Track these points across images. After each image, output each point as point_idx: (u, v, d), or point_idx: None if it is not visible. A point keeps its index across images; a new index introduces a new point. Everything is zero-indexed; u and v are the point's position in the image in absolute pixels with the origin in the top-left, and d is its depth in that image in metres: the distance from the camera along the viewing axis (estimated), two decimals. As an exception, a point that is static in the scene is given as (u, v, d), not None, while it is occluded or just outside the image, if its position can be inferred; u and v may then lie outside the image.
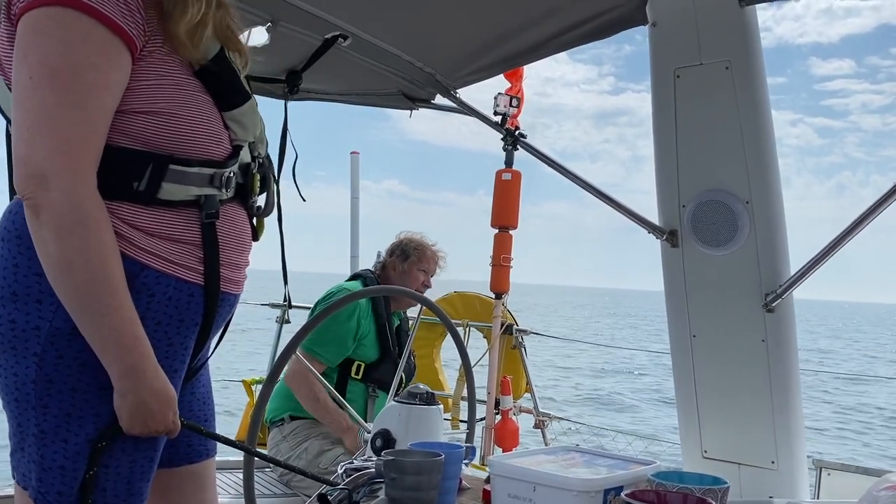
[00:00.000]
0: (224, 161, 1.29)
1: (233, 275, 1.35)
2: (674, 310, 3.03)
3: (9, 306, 1.20)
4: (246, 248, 1.39)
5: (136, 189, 1.21)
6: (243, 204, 1.36)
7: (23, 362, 1.19)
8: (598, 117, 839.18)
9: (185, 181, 1.24)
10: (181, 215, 1.26)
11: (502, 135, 3.52)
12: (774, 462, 2.89)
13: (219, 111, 1.29)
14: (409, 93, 3.08)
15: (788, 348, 2.86)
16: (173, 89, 1.23)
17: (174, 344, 1.28)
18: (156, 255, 1.24)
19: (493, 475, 1.28)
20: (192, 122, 1.24)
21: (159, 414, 1.22)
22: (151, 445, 1.29)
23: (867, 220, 2.56)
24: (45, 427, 1.20)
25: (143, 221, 1.23)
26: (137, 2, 1.20)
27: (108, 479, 1.24)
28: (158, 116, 1.22)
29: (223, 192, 1.29)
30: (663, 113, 2.86)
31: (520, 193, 4.12)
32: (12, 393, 1.22)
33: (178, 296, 1.27)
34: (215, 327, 1.37)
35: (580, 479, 1.21)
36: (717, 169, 2.82)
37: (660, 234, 2.97)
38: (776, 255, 2.81)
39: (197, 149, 1.25)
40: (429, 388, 2.08)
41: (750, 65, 2.67)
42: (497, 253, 4.14)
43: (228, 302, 1.36)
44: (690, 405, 3.04)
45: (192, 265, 1.28)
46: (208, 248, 1.28)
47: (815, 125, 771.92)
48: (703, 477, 1.26)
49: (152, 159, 1.21)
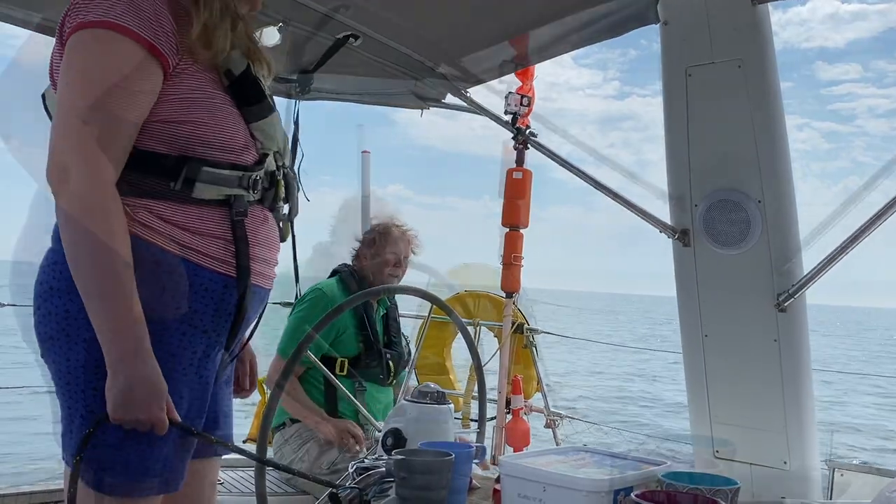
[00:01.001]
0: (251, 166, 1.41)
1: (262, 269, 1.46)
2: (686, 309, 3.01)
3: (64, 297, 1.31)
4: (274, 247, 1.49)
5: (172, 188, 1.34)
6: (270, 208, 1.48)
7: (74, 348, 1.30)
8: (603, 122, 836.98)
9: (217, 182, 1.36)
10: (213, 213, 1.37)
11: (513, 134, 3.52)
12: (787, 462, 2.87)
13: (245, 122, 1.41)
14: (420, 92, 3.09)
15: (801, 348, 2.85)
16: (205, 102, 1.36)
17: (209, 331, 1.38)
18: (192, 249, 1.35)
19: (504, 475, 1.28)
20: (222, 131, 1.37)
21: (144, 403, 1.26)
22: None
23: (881, 219, 2.54)
24: (94, 407, 1.29)
25: (179, 217, 1.35)
26: (171, 24, 1.33)
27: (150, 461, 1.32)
28: (192, 125, 1.35)
29: (250, 193, 1.41)
30: (675, 112, 2.85)
31: (530, 192, 4.11)
32: (64, 377, 1.32)
33: (214, 287, 1.37)
34: (247, 319, 1.46)
35: (590, 480, 1.21)
36: (729, 168, 2.80)
37: (671, 234, 2.96)
38: (789, 255, 2.79)
39: (227, 154, 1.38)
40: (439, 387, 2.08)
41: (762, 63, 2.66)
42: (508, 252, 4.13)
43: (259, 295, 1.47)
44: (702, 405, 3.03)
45: (225, 258, 1.39)
46: (239, 243, 1.39)
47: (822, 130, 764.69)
48: (715, 478, 1.26)
49: (186, 163, 1.34)
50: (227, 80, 1.39)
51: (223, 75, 1.39)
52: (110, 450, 1.30)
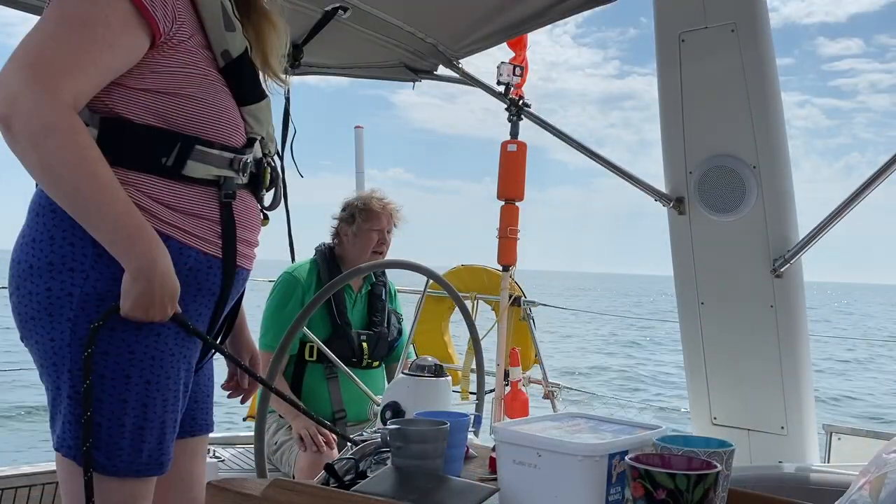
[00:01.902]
0: (241, 148, 1.40)
1: (246, 251, 1.44)
2: (682, 277, 3.01)
3: (45, 276, 1.28)
4: (256, 229, 1.48)
5: (163, 164, 1.31)
6: (254, 194, 1.46)
7: (58, 327, 1.27)
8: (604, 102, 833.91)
9: (208, 161, 1.34)
10: (202, 193, 1.35)
11: (506, 104, 3.49)
12: (784, 427, 2.89)
13: (237, 105, 1.40)
14: (411, 64, 3.05)
15: (797, 313, 2.85)
16: (198, 77, 1.34)
17: (190, 311, 1.36)
18: (178, 228, 1.32)
19: (498, 442, 1.27)
20: (215, 109, 1.35)
21: (161, 304, 1.27)
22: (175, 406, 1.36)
23: (875, 183, 2.53)
24: (80, 388, 1.26)
25: (167, 196, 1.32)
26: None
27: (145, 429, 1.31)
28: (184, 100, 1.32)
29: (240, 176, 1.39)
30: (669, 79, 2.83)
31: (525, 165, 4.09)
32: (50, 358, 1.29)
33: (199, 266, 1.36)
34: (229, 299, 1.45)
35: (585, 444, 1.20)
36: (723, 134, 2.79)
37: (667, 202, 2.95)
38: (784, 221, 2.78)
39: (218, 133, 1.36)
40: (437, 361, 2.08)
41: (756, 27, 2.63)
42: (504, 225, 4.12)
43: (241, 276, 1.45)
44: (699, 372, 3.04)
45: (211, 239, 1.37)
46: (226, 225, 1.38)
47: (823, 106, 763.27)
48: (709, 440, 1.26)
49: (180, 138, 1.31)
50: (224, 60, 1.37)
51: (220, 56, 1.37)
52: (103, 430, 1.29)
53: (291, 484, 1.30)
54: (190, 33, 1.34)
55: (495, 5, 2.65)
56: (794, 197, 2.80)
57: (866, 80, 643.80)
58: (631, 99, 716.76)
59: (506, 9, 2.67)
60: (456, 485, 1.30)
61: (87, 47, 1.23)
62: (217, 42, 1.37)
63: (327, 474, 1.42)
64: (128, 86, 1.30)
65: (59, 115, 1.19)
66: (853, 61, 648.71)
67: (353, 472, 1.42)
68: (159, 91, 1.31)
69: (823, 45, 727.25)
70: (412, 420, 1.46)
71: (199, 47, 1.35)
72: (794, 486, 2.46)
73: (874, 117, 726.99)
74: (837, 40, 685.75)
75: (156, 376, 1.32)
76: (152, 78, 1.31)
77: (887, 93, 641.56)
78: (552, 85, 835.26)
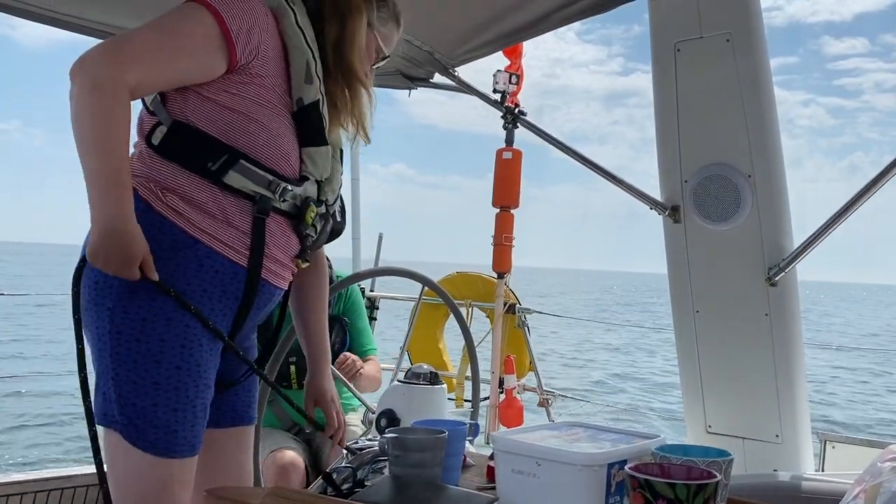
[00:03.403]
0: (287, 178, 1.48)
1: (275, 268, 1.51)
2: (677, 285, 3.02)
3: (95, 270, 1.39)
4: (289, 252, 1.54)
5: (208, 168, 1.41)
6: (295, 228, 1.53)
7: (101, 315, 1.39)
8: (608, 98, 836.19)
9: (248, 176, 1.43)
10: (237, 204, 1.44)
11: (502, 113, 3.50)
12: (779, 436, 2.89)
13: (298, 144, 1.51)
14: (406, 72, 3.05)
15: (792, 322, 2.86)
16: (266, 108, 1.46)
17: (216, 311, 1.44)
18: (208, 234, 1.42)
19: (497, 451, 1.27)
20: (271, 135, 1.46)
21: (122, 261, 1.33)
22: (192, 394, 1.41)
23: (869, 193, 2.55)
24: (119, 371, 1.37)
25: (203, 198, 1.41)
26: (260, 39, 1.43)
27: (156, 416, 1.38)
28: (248, 121, 1.43)
29: (276, 198, 1.46)
30: (664, 88, 2.84)
31: (520, 172, 4.10)
32: (96, 343, 1.41)
33: (224, 271, 1.44)
34: (255, 310, 1.51)
35: (584, 454, 1.20)
36: (718, 143, 2.80)
37: (662, 210, 2.96)
38: (779, 229, 2.79)
39: (267, 156, 1.45)
40: (432, 368, 2.08)
41: (751, 37, 2.65)
42: (499, 232, 4.14)
43: (269, 291, 1.51)
44: (694, 380, 3.04)
45: (240, 249, 1.44)
46: (256, 237, 1.45)
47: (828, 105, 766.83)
48: (708, 450, 1.26)
49: (229, 150, 1.42)
50: (297, 106, 1.50)
51: (295, 102, 1.49)
52: (138, 410, 1.37)
53: (290, 492, 1.30)
54: (273, 75, 1.46)
55: (492, 14, 2.66)
56: (789, 206, 2.81)
57: (871, 80, 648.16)
58: (635, 96, 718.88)
59: (502, 17, 2.68)
60: (454, 494, 1.30)
61: (165, 48, 1.37)
62: (296, 91, 1.49)
63: (325, 483, 1.42)
64: (199, 93, 1.43)
65: (110, 80, 1.31)
66: (858, 60, 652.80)
67: (350, 481, 1.41)
68: (228, 107, 1.43)
69: (828, 44, 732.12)
70: (410, 429, 1.46)
71: (278, 89, 1.47)
72: (789, 495, 2.46)
73: (879, 117, 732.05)
74: (842, 39, 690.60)
75: (186, 363, 1.40)
76: (226, 96, 1.43)
77: (892, 92, 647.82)
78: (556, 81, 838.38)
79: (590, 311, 35.00)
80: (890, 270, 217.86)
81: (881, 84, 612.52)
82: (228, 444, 1.60)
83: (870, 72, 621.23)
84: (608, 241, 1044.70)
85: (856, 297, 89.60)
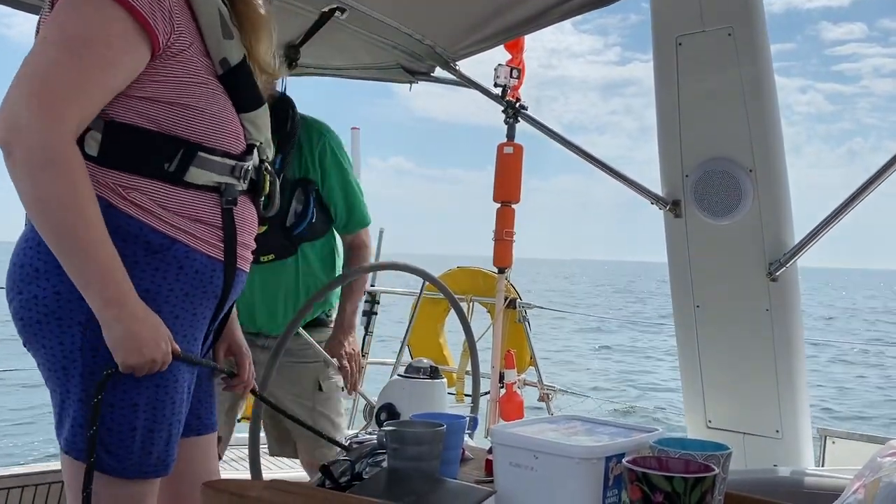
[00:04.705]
0: (241, 155, 1.42)
1: (244, 253, 1.48)
2: (677, 280, 3.01)
3: (53, 279, 1.27)
4: (254, 231, 1.51)
5: (166, 169, 1.32)
6: (253, 199, 1.49)
7: (68, 331, 1.27)
8: (605, 88, 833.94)
9: (209, 168, 1.37)
10: (204, 199, 1.38)
11: (503, 107, 3.49)
12: (779, 431, 2.89)
13: (235, 111, 1.42)
14: (408, 66, 3.05)
15: (793, 317, 2.85)
16: (199, 86, 1.35)
17: (198, 314, 1.40)
18: (184, 232, 1.35)
19: (495, 444, 1.27)
20: (216, 118, 1.37)
21: (151, 341, 1.27)
22: (181, 409, 1.38)
23: (872, 187, 2.54)
24: (92, 391, 1.27)
25: (171, 202, 1.34)
26: (170, 3, 1.30)
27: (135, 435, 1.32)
28: (186, 109, 1.34)
29: (240, 182, 1.42)
30: (665, 82, 2.83)
31: (521, 167, 4.09)
32: (59, 362, 1.29)
33: (204, 269, 1.38)
34: (228, 300, 1.48)
35: (582, 447, 1.20)
36: (720, 138, 2.79)
37: (663, 205, 2.95)
38: (780, 224, 2.79)
39: (219, 141, 1.38)
40: (433, 363, 2.08)
41: (753, 31, 2.64)
42: (500, 227, 4.13)
43: (240, 278, 1.49)
44: (694, 375, 3.04)
45: (214, 243, 1.40)
46: (228, 230, 1.41)
47: (826, 91, 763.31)
48: (706, 443, 1.26)
49: (183, 145, 1.33)
50: (222, 68, 1.39)
51: (218, 64, 1.39)
52: (114, 434, 1.30)
53: (287, 485, 1.30)
54: (189, 41, 1.35)
55: (493, 8, 2.65)
56: (790, 200, 2.81)
57: (869, 65, 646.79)
58: (632, 85, 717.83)
59: (503, 11, 2.67)
60: (452, 487, 1.29)
61: (91, 70, 1.24)
62: (215, 50, 1.38)
63: (323, 476, 1.41)
64: (128, 94, 1.31)
65: (57, 148, 1.20)
66: (856, 46, 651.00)
67: (348, 474, 1.41)
68: (159, 100, 1.32)
69: (826, 29, 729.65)
70: (409, 422, 1.46)
71: (199, 55, 1.36)
72: (789, 490, 2.46)
73: (877, 102, 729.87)
74: (840, 24, 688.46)
75: (164, 379, 1.34)
76: (153, 87, 1.32)
77: (890, 77, 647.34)
78: (553, 72, 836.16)
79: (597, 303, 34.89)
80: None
81: (879, 69, 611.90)
82: (195, 455, 1.52)
83: (868, 57, 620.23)
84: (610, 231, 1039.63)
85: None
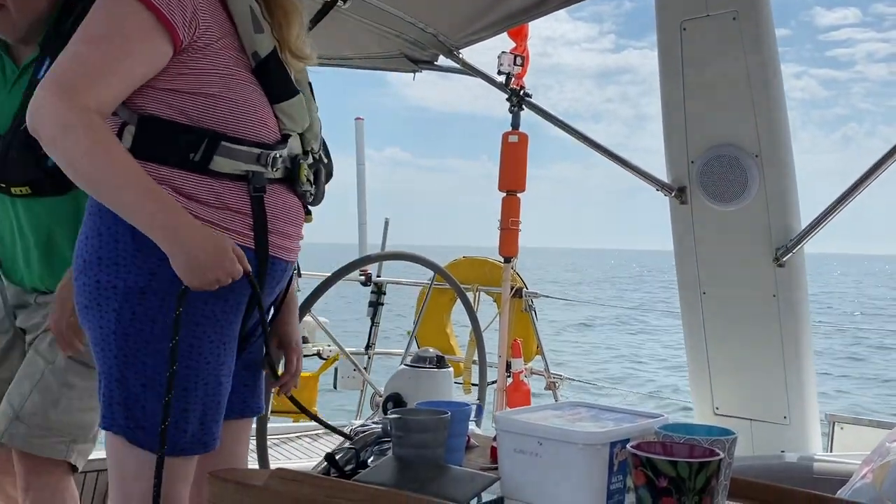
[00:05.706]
0: (273, 145, 1.44)
1: (282, 242, 1.47)
2: (683, 267, 3.01)
3: (94, 269, 1.38)
4: (296, 222, 1.51)
5: (192, 159, 1.37)
6: (292, 189, 1.49)
7: (105, 316, 1.37)
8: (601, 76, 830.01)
9: (234, 157, 1.39)
10: (231, 187, 1.40)
11: (507, 95, 3.47)
12: (787, 417, 2.88)
13: (269, 102, 1.44)
14: (411, 55, 3.04)
15: (800, 303, 2.85)
16: (226, 78, 1.39)
17: (230, 300, 1.41)
18: (210, 223, 1.37)
19: (499, 430, 1.27)
20: (241, 107, 1.40)
21: (213, 261, 1.33)
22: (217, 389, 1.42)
23: (878, 171, 2.52)
24: (127, 373, 1.37)
25: (197, 190, 1.38)
26: (194, 1, 1.36)
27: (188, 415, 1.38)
28: (210, 99, 1.38)
29: (269, 170, 1.43)
30: (670, 67, 2.81)
31: (527, 156, 4.08)
32: (99, 343, 1.39)
33: None
34: (268, 290, 1.48)
35: (586, 433, 1.20)
36: (725, 123, 2.77)
37: (668, 192, 2.94)
38: (786, 210, 2.77)
39: (245, 130, 1.40)
40: (439, 352, 2.08)
41: (758, 15, 2.62)
42: (505, 216, 4.11)
43: (280, 267, 1.48)
44: (701, 362, 3.03)
45: (243, 231, 1.41)
46: (257, 216, 1.42)
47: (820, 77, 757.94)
48: (711, 428, 1.25)
49: (207, 135, 1.37)
50: (254, 61, 1.43)
51: (251, 57, 1.42)
52: (148, 412, 1.36)
53: (293, 474, 1.30)
54: (219, 36, 1.40)
55: (495, -5, 2.64)
56: (796, 186, 2.79)
57: (864, 50, 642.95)
58: (628, 73, 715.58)
59: (506, -1, 2.66)
60: (457, 474, 1.30)
61: (108, 59, 1.33)
62: (248, 45, 1.42)
63: (328, 464, 1.42)
64: (156, 87, 1.38)
65: (74, 114, 1.29)
66: (850, 31, 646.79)
67: (353, 462, 1.41)
68: (186, 91, 1.38)
69: (820, 14, 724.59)
70: (413, 410, 1.46)
71: (230, 49, 1.41)
72: (797, 476, 2.45)
73: (872, 87, 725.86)
74: (834, 10, 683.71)
75: (195, 362, 1.38)
76: (181, 80, 1.38)
77: (885, 62, 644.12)
78: (548, 60, 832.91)
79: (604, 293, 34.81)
80: None
81: (873, 54, 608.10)
82: (225, 437, 1.53)
83: (862, 42, 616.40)
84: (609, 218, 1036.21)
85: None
